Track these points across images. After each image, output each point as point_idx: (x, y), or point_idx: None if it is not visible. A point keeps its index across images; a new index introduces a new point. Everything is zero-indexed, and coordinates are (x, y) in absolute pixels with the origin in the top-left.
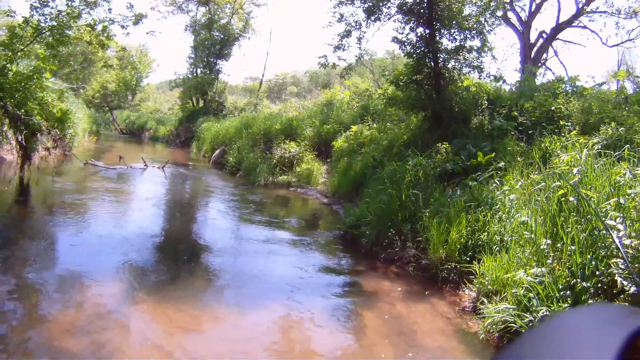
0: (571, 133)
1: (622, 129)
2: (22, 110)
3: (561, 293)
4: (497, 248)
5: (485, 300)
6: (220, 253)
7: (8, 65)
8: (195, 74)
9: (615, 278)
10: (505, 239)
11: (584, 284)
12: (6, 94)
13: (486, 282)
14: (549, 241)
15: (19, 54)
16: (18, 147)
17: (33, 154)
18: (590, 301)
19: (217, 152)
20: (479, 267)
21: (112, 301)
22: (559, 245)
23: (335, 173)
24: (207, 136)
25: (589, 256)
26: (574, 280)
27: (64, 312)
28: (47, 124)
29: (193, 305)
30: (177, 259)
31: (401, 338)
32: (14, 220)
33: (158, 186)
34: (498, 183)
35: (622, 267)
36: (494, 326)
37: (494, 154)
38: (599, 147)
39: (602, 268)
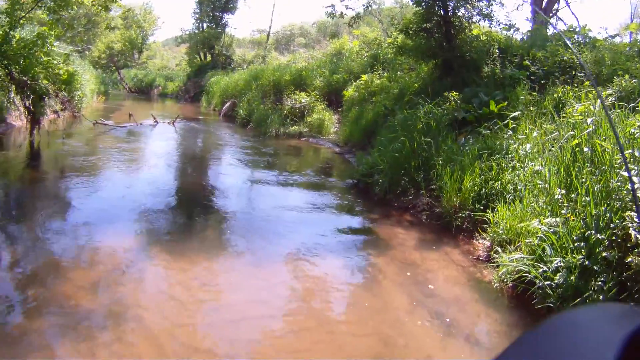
0: (584, 84)
1: (634, 80)
2: (29, 76)
3: (575, 244)
4: (511, 197)
5: (499, 249)
6: (234, 205)
7: (11, 33)
8: (201, 29)
9: (630, 232)
10: (519, 188)
11: (598, 235)
12: (11, 61)
13: (500, 231)
14: (563, 191)
15: (21, 20)
16: (26, 112)
17: (41, 118)
18: (604, 254)
19: (227, 105)
20: (493, 215)
21: (127, 256)
22: (573, 195)
23: (346, 122)
24: (217, 90)
25: (603, 208)
26: (588, 232)
27: (79, 269)
28: (54, 87)
29: (208, 257)
30: (191, 212)
31: (416, 286)
32: (26, 184)
33: (169, 141)
34: (512, 132)
35: (637, 220)
36: (507, 276)
37: (506, 102)
38: (613, 98)
39: (617, 221)
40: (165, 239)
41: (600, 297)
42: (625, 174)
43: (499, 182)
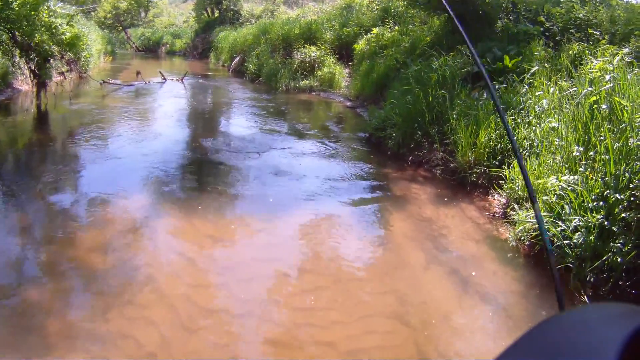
0: (600, 42)
1: None
2: (32, 39)
3: (594, 203)
4: (527, 153)
5: (515, 206)
6: (245, 161)
7: None
8: None
9: None
10: (535, 144)
11: (617, 195)
12: (14, 25)
13: (516, 188)
14: (581, 148)
15: None
16: (32, 75)
17: (48, 80)
18: (622, 215)
19: (236, 60)
20: (509, 172)
21: (138, 216)
22: (591, 153)
23: (357, 76)
24: (225, 45)
25: (622, 167)
26: (607, 192)
27: (90, 230)
28: (59, 49)
29: (221, 214)
30: (202, 169)
31: (431, 243)
32: (35, 147)
33: (178, 98)
34: (528, 87)
35: None
36: (525, 234)
37: (520, 58)
38: (630, 57)
39: (636, 181)
40: (177, 196)
41: (619, 260)
42: None
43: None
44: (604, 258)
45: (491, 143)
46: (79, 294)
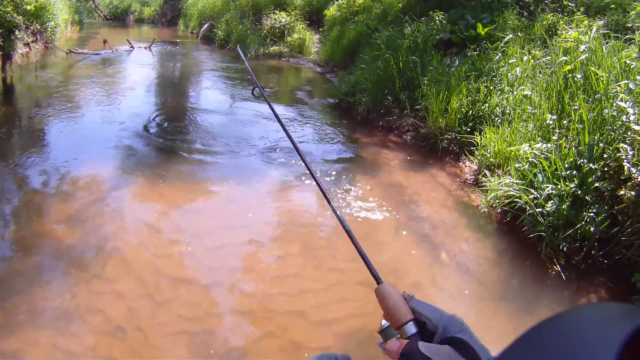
0: (575, 13)
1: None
2: None
3: (567, 172)
4: (499, 120)
5: (487, 173)
6: (215, 128)
7: None
8: None
9: (623, 164)
10: (508, 111)
11: (591, 165)
12: None
13: (488, 155)
14: (554, 117)
15: None
16: None
17: (13, 52)
18: (596, 184)
19: (204, 27)
20: (481, 138)
21: (105, 187)
22: (565, 122)
23: (327, 42)
24: (194, 12)
25: (596, 137)
26: (581, 161)
27: (57, 203)
28: (24, 19)
29: (187, 183)
30: (169, 139)
31: (402, 208)
32: (1, 120)
33: (146, 66)
34: (501, 55)
35: (631, 153)
36: (497, 201)
37: (493, 26)
38: (605, 29)
39: (610, 151)
40: (144, 166)
41: (592, 229)
42: (622, 104)
43: (487, 105)
44: (577, 227)
45: (462, 109)
46: (45, 268)
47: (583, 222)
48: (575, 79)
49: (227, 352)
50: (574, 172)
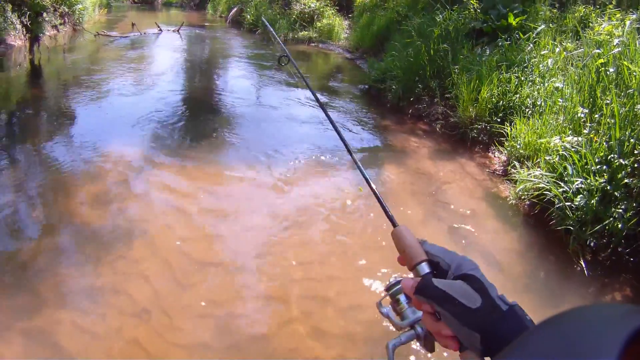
0: (607, 6)
1: None
2: None
3: (597, 167)
4: (530, 112)
5: (517, 164)
6: (243, 111)
7: None
8: None
9: None
10: (539, 103)
11: (621, 160)
12: None
13: (518, 146)
14: (586, 110)
15: None
16: (24, 30)
17: (41, 35)
18: (625, 180)
19: (233, 11)
20: (511, 129)
21: (132, 169)
22: (596, 116)
23: (357, 28)
24: None
25: (627, 132)
26: (612, 156)
27: (84, 184)
28: (52, 2)
29: (214, 166)
30: (198, 121)
31: (429, 197)
32: (28, 102)
33: (175, 49)
34: (533, 46)
35: None
36: (525, 192)
37: (525, 16)
38: (638, 24)
39: None
40: (172, 148)
41: (620, 226)
42: None
43: (518, 96)
44: (605, 223)
45: (493, 99)
46: (71, 249)
47: (611, 219)
48: (608, 72)
49: (251, 337)
50: (604, 167)
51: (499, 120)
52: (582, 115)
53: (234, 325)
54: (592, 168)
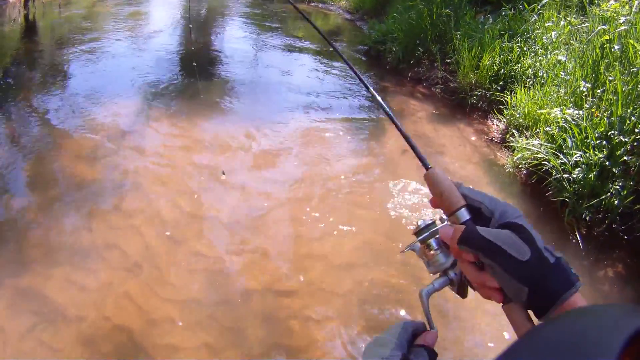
0: None
1: None
2: None
3: (597, 142)
4: (531, 82)
5: (515, 133)
6: (240, 70)
7: None
8: None
9: None
10: (540, 74)
11: (621, 137)
12: None
13: (517, 115)
14: (588, 85)
15: None
16: None
17: None
18: (624, 157)
19: None
20: (511, 98)
21: (126, 124)
22: (598, 92)
23: None
24: None
25: (629, 110)
26: (612, 132)
27: (79, 138)
28: None
29: (210, 122)
30: (192, 78)
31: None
32: (22, 58)
33: (172, 6)
34: (537, 17)
35: None
36: (523, 162)
37: None
38: None
39: None
40: (167, 103)
41: (616, 202)
42: None
43: (519, 65)
44: (602, 198)
45: (494, 67)
46: (63, 203)
47: (608, 194)
48: (613, 49)
49: (243, 293)
50: (604, 142)
51: (499, 88)
52: (584, 90)
53: (226, 281)
54: (592, 142)
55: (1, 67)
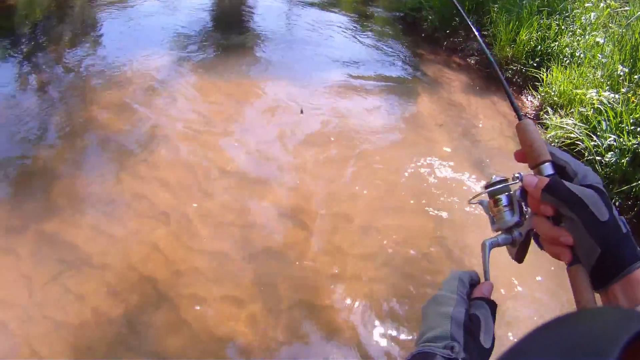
0: None
1: None
2: None
3: (632, 127)
4: (568, 61)
5: (549, 110)
6: (272, 28)
7: None
8: None
9: None
10: (577, 54)
11: None
12: None
13: (552, 93)
14: (626, 69)
15: None
16: None
17: None
18: None
19: None
20: (547, 75)
21: (158, 77)
22: (636, 77)
23: None
24: None
25: None
26: None
27: (107, 90)
28: None
29: (243, 77)
30: (226, 33)
31: (458, 130)
32: (55, 11)
33: None
34: None
35: None
36: (556, 139)
37: None
38: None
39: None
40: (199, 57)
41: None
42: None
43: (557, 44)
44: (632, 185)
45: (532, 43)
46: (91, 154)
47: (639, 182)
48: None
49: (266, 248)
50: (639, 128)
51: (535, 64)
52: (622, 74)
53: (251, 235)
54: (627, 127)
55: (33, 21)
